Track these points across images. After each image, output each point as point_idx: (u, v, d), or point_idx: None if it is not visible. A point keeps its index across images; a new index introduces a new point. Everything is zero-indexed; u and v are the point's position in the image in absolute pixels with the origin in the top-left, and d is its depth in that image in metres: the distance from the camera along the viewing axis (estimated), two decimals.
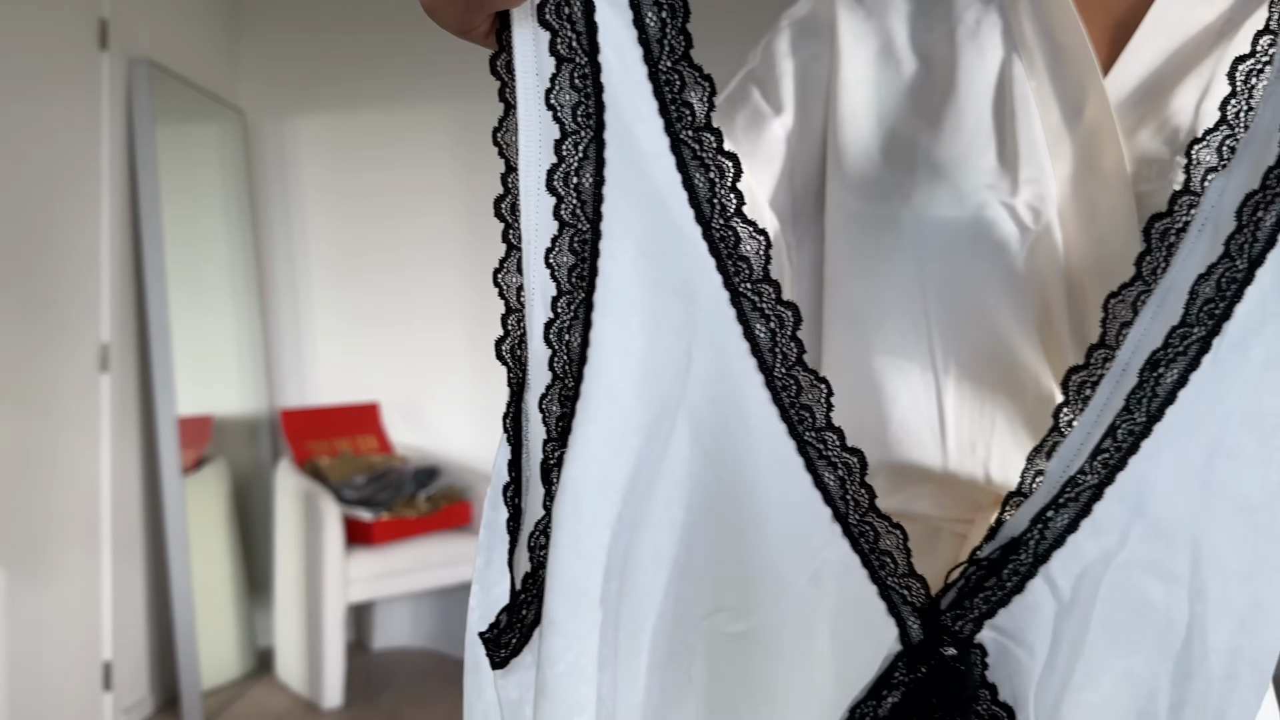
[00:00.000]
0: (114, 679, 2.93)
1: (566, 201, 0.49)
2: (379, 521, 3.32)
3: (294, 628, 3.33)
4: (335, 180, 3.96)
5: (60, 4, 2.71)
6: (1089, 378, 0.59)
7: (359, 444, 3.79)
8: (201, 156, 3.57)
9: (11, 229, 2.49)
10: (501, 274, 0.55)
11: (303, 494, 3.28)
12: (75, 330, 2.78)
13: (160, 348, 3.06)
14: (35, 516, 2.58)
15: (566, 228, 0.49)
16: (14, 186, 2.51)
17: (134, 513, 3.09)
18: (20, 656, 2.52)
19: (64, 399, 2.72)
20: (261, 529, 3.71)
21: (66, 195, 2.75)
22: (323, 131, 3.95)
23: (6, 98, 2.48)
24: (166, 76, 3.21)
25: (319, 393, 3.96)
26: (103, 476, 2.90)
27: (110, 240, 2.94)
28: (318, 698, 3.22)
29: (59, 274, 2.70)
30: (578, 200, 0.49)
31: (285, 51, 3.94)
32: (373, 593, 3.31)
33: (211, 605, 3.28)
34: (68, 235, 2.75)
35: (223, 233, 3.64)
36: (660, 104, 0.48)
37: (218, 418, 3.52)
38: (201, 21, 3.61)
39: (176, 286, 3.16)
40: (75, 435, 2.77)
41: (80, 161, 2.82)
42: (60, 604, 2.70)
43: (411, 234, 3.96)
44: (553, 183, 0.49)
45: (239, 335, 3.69)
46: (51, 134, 2.67)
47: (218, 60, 3.74)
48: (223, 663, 3.33)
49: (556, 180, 0.49)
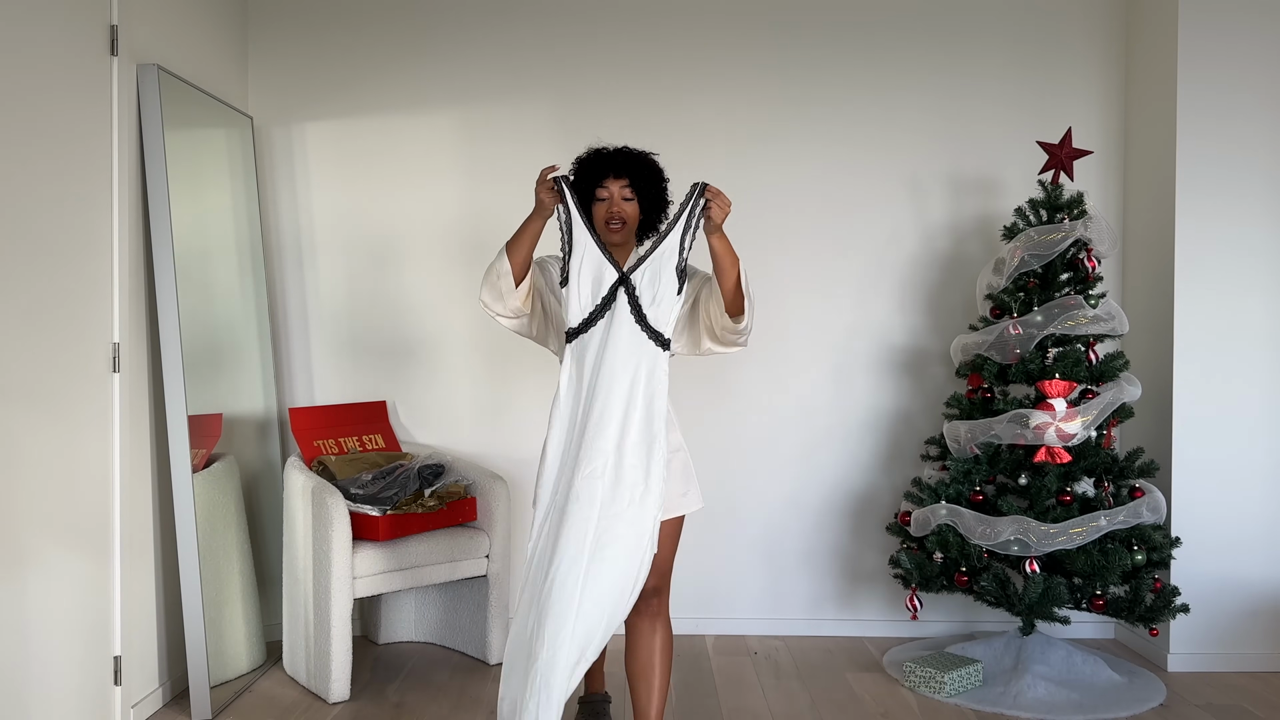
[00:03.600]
0: (124, 673, 2.98)
1: (564, 244, 2.62)
2: (385, 518, 3.35)
3: (302, 622, 3.37)
4: (342, 184, 4.00)
5: (71, 11, 2.76)
6: None
7: (366, 442, 3.82)
8: (211, 161, 3.61)
9: (24, 232, 2.54)
10: None
11: (311, 491, 3.32)
12: (87, 331, 2.83)
13: (171, 348, 3.11)
14: (47, 513, 2.63)
15: (565, 255, 2.62)
16: (26, 190, 2.55)
17: (145, 510, 3.14)
18: (32, 650, 2.57)
19: (76, 398, 2.77)
20: (270, 525, 3.76)
21: (78, 199, 2.79)
22: (330, 136, 4.00)
23: (18, 103, 2.53)
24: (176, 82, 3.25)
25: (326, 391, 4.01)
26: (114, 474, 2.95)
27: (121, 242, 2.99)
28: (325, 691, 3.27)
29: (71, 276, 2.75)
30: (568, 241, 2.61)
31: (293, 58, 3.99)
32: (379, 588, 3.35)
33: (220, 600, 3.32)
34: (79, 238, 2.79)
35: (231, 235, 3.69)
36: (585, 221, 2.60)
37: (227, 416, 3.56)
38: (211, 28, 3.65)
39: (186, 287, 3.21)
40: (87, 434, 2.82)
41: (91, 166, 2.87)
42: (71, 599, 2.75)
43: (417, 235, 4.00)
44: (562, 239, 2.61)
45: (248, 335, 3.74)
46: (63, 139, 2.72)
47: (227, 66, 3.79)
48: (231, 656, 3.37)
49: (562, 240, 2.60)
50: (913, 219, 3.99)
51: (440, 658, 3.73)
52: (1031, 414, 3.30)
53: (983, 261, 3.94)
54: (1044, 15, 3.98)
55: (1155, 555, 3.34)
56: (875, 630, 4.02)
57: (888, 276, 4.00)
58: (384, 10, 3.99)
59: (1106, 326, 3.38)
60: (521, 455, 4.02)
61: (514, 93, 3.98)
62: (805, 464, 4.02)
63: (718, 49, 3.99)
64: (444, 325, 4.01)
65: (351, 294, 4.01)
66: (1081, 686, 3.35)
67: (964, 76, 3.98)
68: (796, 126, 3.99)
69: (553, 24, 3.99)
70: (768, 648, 3.87)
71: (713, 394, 3.99)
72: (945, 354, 3.96)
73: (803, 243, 3.99)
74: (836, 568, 4.04)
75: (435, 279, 4.00)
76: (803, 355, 4.01)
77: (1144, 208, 3.85)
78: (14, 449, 2.49)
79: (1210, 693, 3.41)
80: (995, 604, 3.40)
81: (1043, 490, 3.31)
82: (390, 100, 3.99)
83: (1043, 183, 3.54)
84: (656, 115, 3.97)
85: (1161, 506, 3.36)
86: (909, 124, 3.98)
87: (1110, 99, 3.99)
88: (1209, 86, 3.60)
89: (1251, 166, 3.62)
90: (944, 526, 3.36)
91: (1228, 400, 3.63)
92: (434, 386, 4.03)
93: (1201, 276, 3.62)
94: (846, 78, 3.98)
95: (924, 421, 3.98)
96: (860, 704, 3.29)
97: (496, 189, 3.98)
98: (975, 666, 3.39)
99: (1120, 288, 3.98)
